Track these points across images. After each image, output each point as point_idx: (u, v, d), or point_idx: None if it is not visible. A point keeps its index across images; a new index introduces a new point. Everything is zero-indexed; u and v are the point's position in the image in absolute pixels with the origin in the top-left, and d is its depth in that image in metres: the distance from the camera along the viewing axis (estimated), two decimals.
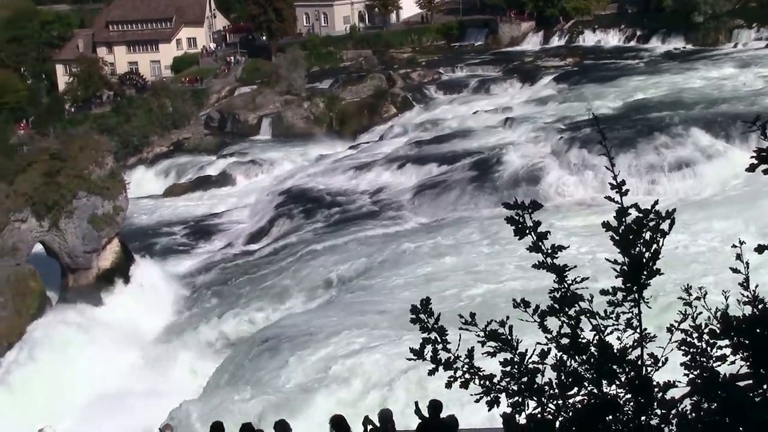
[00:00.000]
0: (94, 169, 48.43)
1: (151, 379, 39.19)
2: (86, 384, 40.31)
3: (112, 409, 38.08)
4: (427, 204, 54.74)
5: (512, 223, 5.61)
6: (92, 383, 40.29)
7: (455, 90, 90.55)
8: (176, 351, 41.84)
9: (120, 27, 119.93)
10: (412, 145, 68.47)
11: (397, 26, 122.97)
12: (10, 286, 44.21)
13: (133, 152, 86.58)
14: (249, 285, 47.29)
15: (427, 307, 5.95)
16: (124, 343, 43.35)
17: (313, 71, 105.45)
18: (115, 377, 40.74)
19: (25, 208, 46.92)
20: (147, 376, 39.92)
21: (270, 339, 36.05)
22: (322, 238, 50.88)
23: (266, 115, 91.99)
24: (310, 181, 65.48)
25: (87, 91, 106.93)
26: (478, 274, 39.57)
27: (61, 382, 40.84)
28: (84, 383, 40.35)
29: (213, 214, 66.06)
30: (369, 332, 33.87)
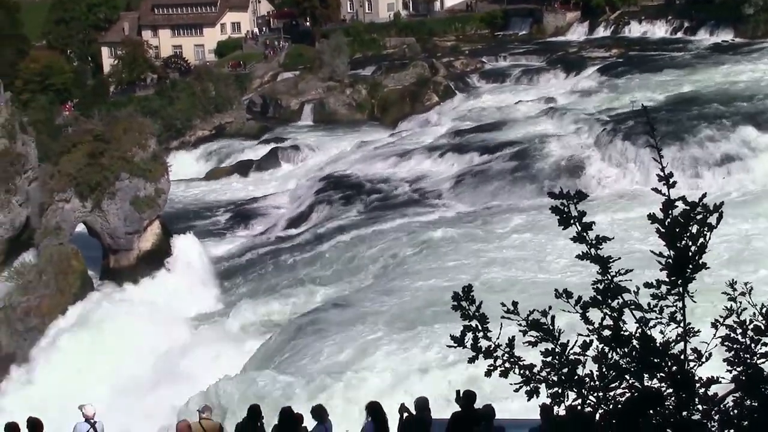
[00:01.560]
0: (137, 151, 48.79)
1: (189, 360, 39.48)
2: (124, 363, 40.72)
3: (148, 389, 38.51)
4: (467, 193, 54.59)
5: (557, 213, 5.57)
6: (130, 363, 40.70)
7: (498, 79, 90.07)
8: (214, 333, 42.14)
9: (165, 10, 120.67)
10: (453, 133, 68.25)
11: (441, 14, 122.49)
12: (53, 264, 44.74)
13: (175, 135, 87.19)
14: (288, 269, 47.49)
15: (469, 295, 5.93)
16: (163, 324, 43.68)
17: (356, 58, 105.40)
18: (152, 357, 41.12)
19: (68, 189, 47.44)
20: (184, 356, 40.23)
21: (307, 323, 36.22)
22: (361, 224, 50.92)
23: (308, 101, 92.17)
24: (351, 168, 65.53)
25: (131, 73, 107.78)
26: (516, 263, 39.42)
27: (100, 360, 41.30)
28: (122, 362, 40.77)
29: (253, 199, 66.35)
30: (407, 319, 33.91)
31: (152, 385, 38.64)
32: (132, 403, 36.12)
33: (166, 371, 39.44)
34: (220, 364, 36.80)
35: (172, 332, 43.11)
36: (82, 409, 17.72)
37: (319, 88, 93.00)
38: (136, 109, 64.96)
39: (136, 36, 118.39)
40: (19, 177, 51.49)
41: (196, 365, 38.50)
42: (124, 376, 39.95)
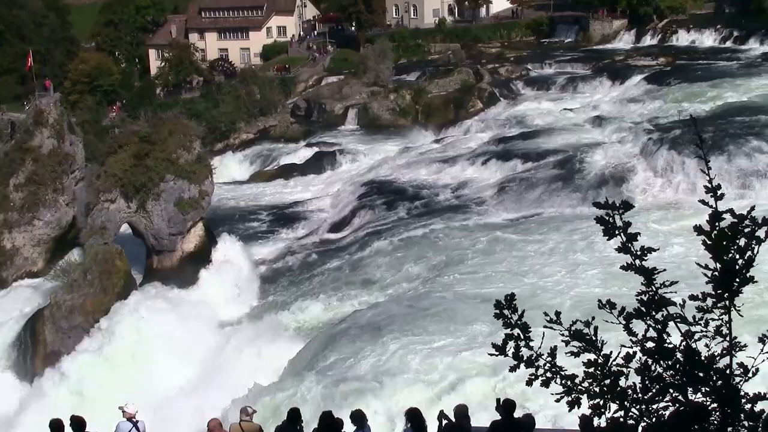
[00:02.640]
0: (182, 153, 49.18)
1: (230, 362, 39.71)
2: (166, 364, 41.05)
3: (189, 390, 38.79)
4: (510, 200, 54.35)
5: (602, 223, 5.54)
6: (172, 364, 41.01)
7: (543, 87, 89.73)
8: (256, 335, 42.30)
9: (212, 14, 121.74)
10: (496, 140, 68.07)
11: (487, 21, 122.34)
12: (98, 264, 45.22)
13: (220, 138, 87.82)
14: (329, 273, 47.58)
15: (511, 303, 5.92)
16: (205, 325, 44.00)
17: (401, 63, 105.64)
18: (194, 358, 41.40)
19: (114, 189, 47.96)
20: (226, 357, 40.46)
21: (348, 328, 36.27)
22: (403, 230, 50.87)
23: (352, 106, 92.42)
24: (394, 173, 65.56)
25: (178, 76, 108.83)
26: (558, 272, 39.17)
27: (141, 361, 41.68)
28: (164, 363, 41.11)
29: (296, 202, 66.59)
30: (447, 326, 33.85)
31: (192, 387, 38.93)
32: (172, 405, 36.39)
33: (206, 373, 39.70)
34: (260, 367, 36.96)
35: (213, 334, 43.40)
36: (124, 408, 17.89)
37: (363, 92, 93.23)
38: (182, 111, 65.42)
39: (183, 39, 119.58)
40: (67, 177, 52.24)
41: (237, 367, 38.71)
42: (164, 377, 40.26)
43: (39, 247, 51.41)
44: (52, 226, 51.52)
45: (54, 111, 53.10)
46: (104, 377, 40.85)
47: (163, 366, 40.98)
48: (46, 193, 51.27)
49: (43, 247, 51.55)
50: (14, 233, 50.71)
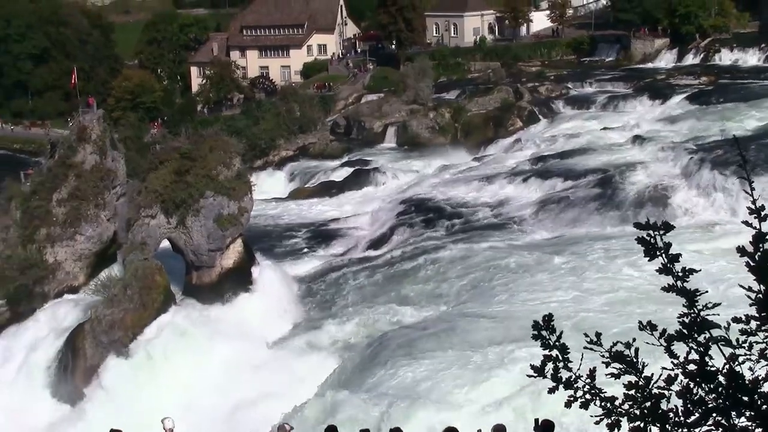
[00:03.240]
0: (222, 169, 49.46)
1: (268, 379, 39.79)
2: (205, 380, 41.23)
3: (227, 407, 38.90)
4: (549, 219, 54.10)
5: (643, 244, 5.47)
6: (210, 380, 41.18)
7: (583, 105, 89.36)
8: (293, 352, 42.40)
9: (254, 32, 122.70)
10: (536, 159, 67.85)
11: (527, 39, 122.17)
12: (138, 279, 45.54)
13: (259, 155, 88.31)
14: (367, 291, 47.58)
15: (549, 324, 5.86)
16: (243, 341, 44.11)
17: (441, 81, 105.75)
18: (232, 375, 41.53)
19: (155, 205, 48.31)
20: (264, 375, 40.53)
21: (386, 346, 36.22)
22: (441, 248, 50.78)
23: (392, 124, 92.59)
24: (433, 191, 65.53)
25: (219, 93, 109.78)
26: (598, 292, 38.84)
27: (179, 376, 41.88)
28: (202, 379, 41.29)
29: (335, 219, 66.75)
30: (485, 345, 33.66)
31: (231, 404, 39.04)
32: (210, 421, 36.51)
33: (244, 389, 39.79)
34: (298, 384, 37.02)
35: (251, 350, 43.48)
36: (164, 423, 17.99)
37: (402, 110, 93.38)
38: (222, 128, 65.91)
39: (224, 56, 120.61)
40: (108, 192, 52.74)
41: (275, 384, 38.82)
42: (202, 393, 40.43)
43: (80, 261, 51.90)
44: (93, 241, 52.01)
45: (97, 127, 53.69)
46: (143, 392, 41.11)
47: (201, 382, 41.15)
48: (88, 209, 51.78)
49: (84, 261, 52.03)
50: (56, 248, 51.26)
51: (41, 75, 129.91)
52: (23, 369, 45.68)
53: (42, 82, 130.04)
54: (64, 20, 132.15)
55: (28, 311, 50.01)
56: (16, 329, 48.99)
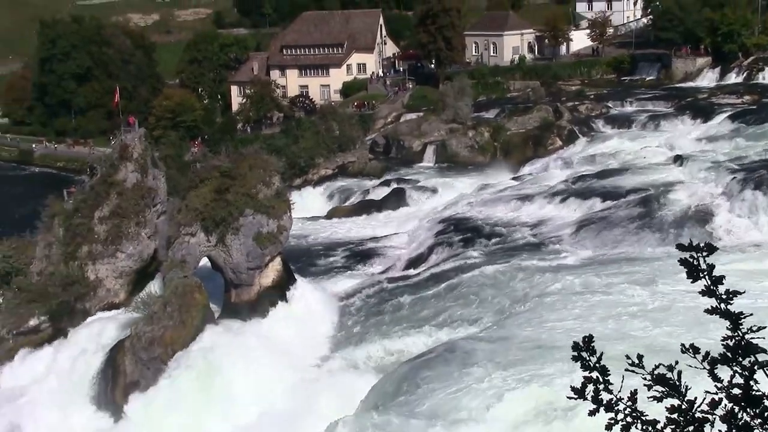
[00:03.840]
0: (262, 188, 49.70)
1: (305, 398, 39.80)
2: (242, 398, 41.32)
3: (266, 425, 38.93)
4: (588, 239, 53.71)
5: (686, 266, 5.41)
6: (248, 398, 41.26)
7: (623, 124, 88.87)
8: (331, 370, 42.40)
9: (293, 51, 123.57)
10: (576, 178, 67.50)
11: (567, 58, 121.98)
12: (178, 297, 45.81)
13: (299, 173, 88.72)
14: (405, 310, 47.50)
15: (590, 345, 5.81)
16: (281, 360, 44.18)
17: (480, 100, 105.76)
18: (270, 393, 41.57)
19: (195, 223, 48.62)
20: (300, 393, 40.55)
21: (423, 365, 36.08)
22: (480, 267, 50.58)
23: (431, 143, 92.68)
24: (471, 210, 65.42)
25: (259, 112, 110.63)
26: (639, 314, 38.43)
27: (217, 393, 42.00)
28: (240, 397, 41.38)
29: (373, 238, 66.80)
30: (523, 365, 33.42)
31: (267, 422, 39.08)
32: None
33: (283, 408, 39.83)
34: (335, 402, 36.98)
35: (288, 369, 43.53)
36: None
37: (441, 129, 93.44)
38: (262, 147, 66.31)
39: (264, 76, 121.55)
40: (149, 210, 53.21)
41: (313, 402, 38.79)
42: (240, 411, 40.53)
43: (121, 278, 52.35)
44: (134, 258, 52.45)
45: (138, 146, 54.25)
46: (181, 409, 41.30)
47: (238, 400, 41.26)
48: (129, 226, 52.26)
49: (125, 279, 52.48)
50: (98, 265, 51.76)
51: (84, 94, 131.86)
52: (64, 384, 46.09)
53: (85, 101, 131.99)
54: (108, 40, 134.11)
55: (70, 328, 50.53)
56: (58, 345, 49.52)
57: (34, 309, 50.74)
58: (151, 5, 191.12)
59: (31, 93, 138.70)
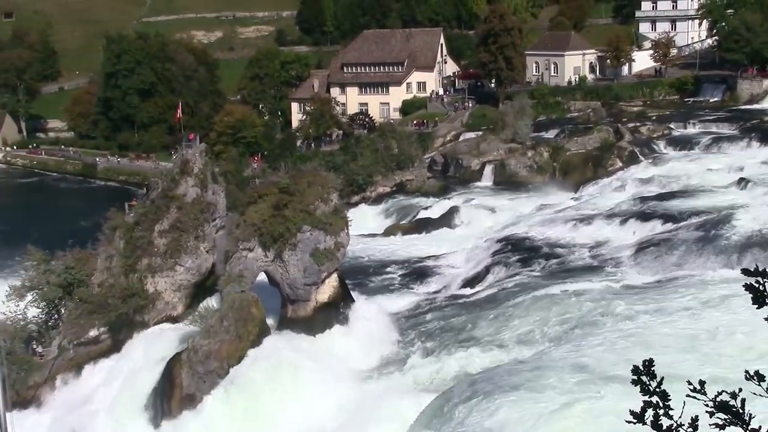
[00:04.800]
0: (320, 204, 49.90)
1: (359, 415, 39.74)
2: (297, 414, 41.39)
3: None
4: (648, 262, 52.93)
5: (751, 291, 5.26)
6: (302, 414, 41.33)
7: (686, 146, 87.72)
8: (384, 388, 42.29)
9: (354, 69, 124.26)
10: (636, 200, 66.73)
11: (629, 79, 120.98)
12: (234, 311, 46.11)
13: (357, 190, 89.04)
14: (461, 329, 47.26)
15: (650, 369, 5.68)
16: (336, 376, 44.21)
17: (540, 120, 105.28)
18: (324, 409, 41.60)
19: (253, 238, 48.96)
20: (355, 411, 40.51)
21: (478, 384, 35.82)
22: (537, 288, 50.15)
23: (489, 162, 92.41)
24: (529, 230, 64.99)
25: (318, 129, 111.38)
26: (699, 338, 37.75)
27: (272, 409, 42.14)
28: (295, 413, 41.46)
29: (430, 257, 66.67)
30: (579, 389, 33.01)
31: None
32: None
33: (337, 425, 39.81)
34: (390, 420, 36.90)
35: (343, 385, 43.54)
36: None
37: (500, 149, 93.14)
38: (321, 164, 66.74)
39: (324, 93, 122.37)
40: (208, 225, 53.73)
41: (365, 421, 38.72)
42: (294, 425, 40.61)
43: (179, 292, 52.88)
44: (192, 272, 52.96)
45: (199, 161, 54.87)
46: (235, 423, 41.51)
47: (293, 416, 41.34)
48: (188, 240, 52.80)
49: (183, 292, 53.00)
50: (157, 278, 52.36)
51: (147, 109, 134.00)
52: (122, 394, 46.62)
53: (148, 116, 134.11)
54: (171, 56, 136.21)
55: (128, 339, 51.16)
56: (117, 356, 50.15)
57: (95, 320, 51.46)
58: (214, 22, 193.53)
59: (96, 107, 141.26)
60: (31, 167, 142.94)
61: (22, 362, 50.31)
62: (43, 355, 52.10)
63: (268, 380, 43.47)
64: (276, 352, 45.49)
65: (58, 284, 52.93)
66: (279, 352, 45.49)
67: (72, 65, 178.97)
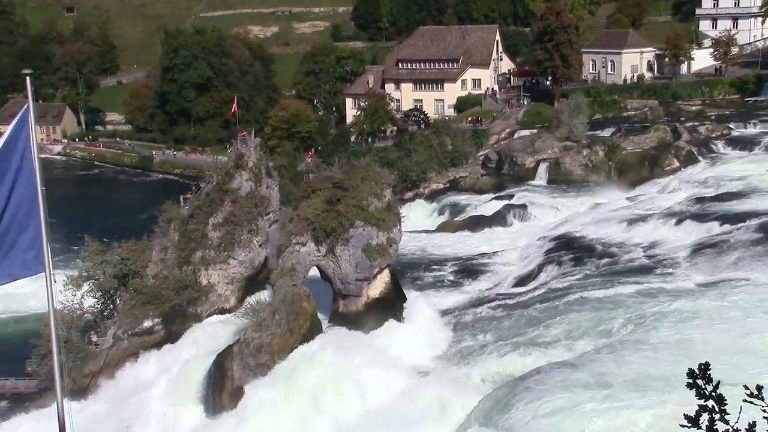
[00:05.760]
0: (373, 200, 49.89)
1: (410, 409, 39.70)
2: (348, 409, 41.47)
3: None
4: (704, 263, 52.09)
5: None
6: (354, 409, 41.40)
7: (746, 147, 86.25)
8: (436, 383, 42.17)
9: (409, 65, 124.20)
10: (693, 200, 65.79)
11: (688, 77, 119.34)
12: (286, 305, 46.31)
13: (410, 187, 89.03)
14: (513, 327, 46.98)
15: (706, 373, 5.54)
16: (386, 371, 44.19)
17: (595, 119, 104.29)
18: (375, 404, 41.63)
19: (305, 233, 49.14)
20: (405, 405, 40.48)
21: (530, 383, 35.57)
22: (590, 288, 49.69)
23: (544, 160, 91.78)
24: (583, 229, 64.42)
25: (372, 124, 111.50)
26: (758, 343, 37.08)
27: (323, 403, 42.27)
28: (345, 408, 41.55)
29: (482, 254, 66.39)
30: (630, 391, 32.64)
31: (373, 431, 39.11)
32: None
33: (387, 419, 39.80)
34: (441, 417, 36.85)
35: (394, 380, 43.51)
36: None
37: (555, 147, 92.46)
38: (375, 159, 66.75)
39: (379, 89, 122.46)
40: (261, 218, 54.09)
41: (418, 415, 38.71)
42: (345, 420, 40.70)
43: (232, 285, 53.31)
44: (245, 265, 53.36)
45: (254, 155, 55.23)
46: (286, 417, 41.69)
47: (344, 411, 41.44)
48: (242, 234, 53.20)
49: (236, 285, 53.42)
50: (210, 270, 52.84)
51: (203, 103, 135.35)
52: (175, 384, 47.11)
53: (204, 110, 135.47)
54: (228, 51, 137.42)
55: (181, 330, 51.70)
56: (170, 347, 50.72)
57: (149, 311, 52.11)
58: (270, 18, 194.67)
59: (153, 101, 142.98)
60: (90, 159, 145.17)
61: (79, 351, 51.12)
62: (99, 344, 52.89)
63: (319, 375, 43.56)
64: (326, 346, 45.60)
65: (114, 275, 53.67)
66: (329, 347, 45.59)
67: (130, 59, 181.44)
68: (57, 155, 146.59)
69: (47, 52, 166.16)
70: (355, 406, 41.72)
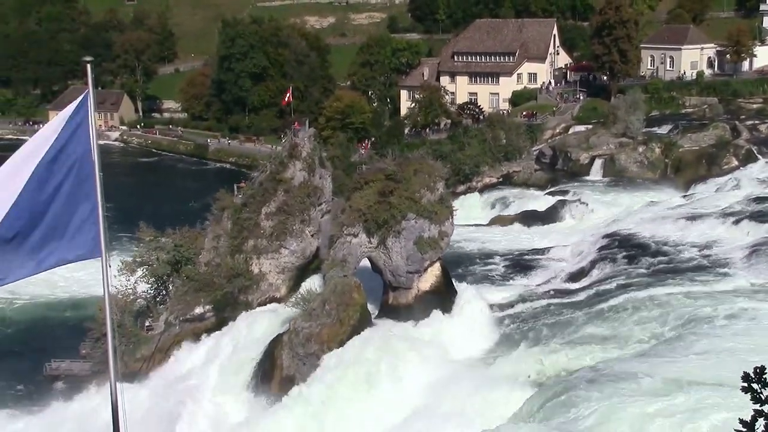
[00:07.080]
0: (425, 193, 49.78)
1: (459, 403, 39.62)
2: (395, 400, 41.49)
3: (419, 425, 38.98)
4: (763, 264, 51.21)
5: None
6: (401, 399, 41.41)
7: None
8: (486, 378, 42.01)
9: (465, 58, 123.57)
10: (751, 200, 64.73)
11: (749, 74, 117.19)
12: (336, 295, 46.44)
13: (463, 180, 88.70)
14: (563, 324, 46.61)
15: (762, 377, 5.42)
16: (435, 364, 44.14)
17: (652, 115, 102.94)
18: (423, 396, 41.61)
19: (357, 224, 49.20)
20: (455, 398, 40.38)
21: (579, 381, 35.31)
22: (643, 286, 49.10)
23: (599, 156, 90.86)
24: (638, 227, 63.69)
25: (426, 117, 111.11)
26: None
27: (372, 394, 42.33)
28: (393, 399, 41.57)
29: (535, 249, 65.97)
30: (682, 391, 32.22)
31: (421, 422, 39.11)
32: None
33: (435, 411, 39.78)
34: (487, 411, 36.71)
35: (444, 373, 43.44)
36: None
37: (611, 143, 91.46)
38: (428, 152, 66.56)
39: (434, 81, 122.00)
40: (314, 209, 54.27)
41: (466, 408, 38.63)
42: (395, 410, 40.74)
43: (283, 274, 53.58)
44: (296, 255, 53.58)
45: (307, 145, 55.39)
46: (334, 405, 41.83)
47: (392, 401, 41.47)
48: (294, 223, 53.42)
49: (287, 274, 53.68)
50: (262, 259, 53.15)
51: (258, 93, 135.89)
52: (225, 371, 47.54)
53: (259, 99, 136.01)
54: (284, 41, 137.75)
55: (232, 318, 52.08)
56: (221, 334, 51.13)
57: (201, 298, 52.60)
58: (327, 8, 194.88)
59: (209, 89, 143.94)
60: (147, 146, 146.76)
61: (131, 335, 51.81)
62: (151, 329, 53.53)
63: (368, 365, 43.63)
64: (376, 337, 45.66)
65: (167, 261, 54.28)
66: (379, 338, 45.65)
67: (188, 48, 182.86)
68: (114, 141, 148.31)
69: (107, 39, 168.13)
70: (403, 397, 41.71)
